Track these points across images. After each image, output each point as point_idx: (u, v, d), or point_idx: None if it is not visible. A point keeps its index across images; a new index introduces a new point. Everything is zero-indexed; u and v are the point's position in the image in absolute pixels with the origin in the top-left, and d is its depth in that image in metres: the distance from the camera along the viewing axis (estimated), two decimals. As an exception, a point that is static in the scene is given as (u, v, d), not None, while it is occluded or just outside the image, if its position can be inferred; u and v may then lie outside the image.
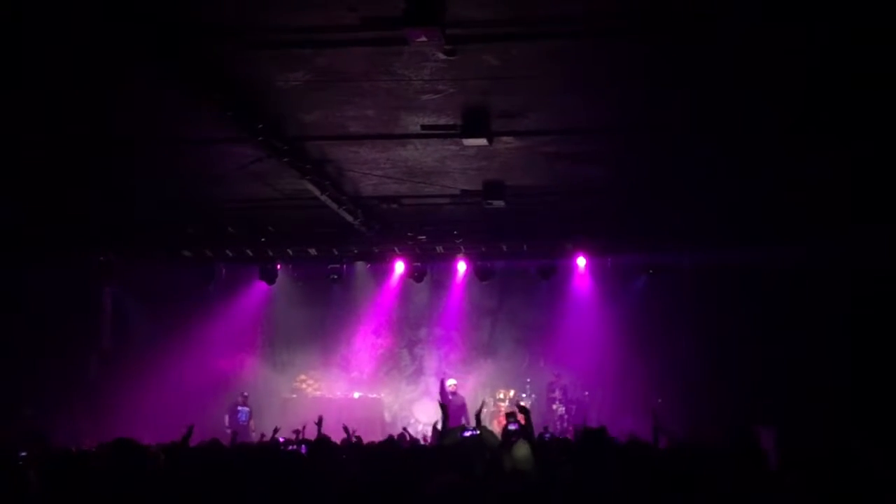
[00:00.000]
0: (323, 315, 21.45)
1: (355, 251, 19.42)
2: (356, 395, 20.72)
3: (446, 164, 13.86)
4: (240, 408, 19.69)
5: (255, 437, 16.72)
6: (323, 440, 9.46)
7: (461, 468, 5.75)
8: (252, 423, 19.36)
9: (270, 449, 9.25)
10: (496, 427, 15.76)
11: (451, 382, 18.41)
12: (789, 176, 14.10)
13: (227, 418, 19.28)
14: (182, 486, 5.66)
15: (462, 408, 17.33)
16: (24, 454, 9.31)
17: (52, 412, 17.37)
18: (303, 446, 9.42)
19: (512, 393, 20.30)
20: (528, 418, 7.88)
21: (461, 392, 18.51)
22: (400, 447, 9.87)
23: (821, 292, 17.10)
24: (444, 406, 9.46)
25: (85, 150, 12.92)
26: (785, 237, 16.91)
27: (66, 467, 6.72)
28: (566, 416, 19.28)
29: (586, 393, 19.89)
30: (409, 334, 21.81)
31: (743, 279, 18.01)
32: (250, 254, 19.22)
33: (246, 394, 20.02)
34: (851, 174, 13.89)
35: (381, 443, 10.62)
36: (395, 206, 16.25)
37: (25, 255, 17.22)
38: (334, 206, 15.06)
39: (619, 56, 9.92)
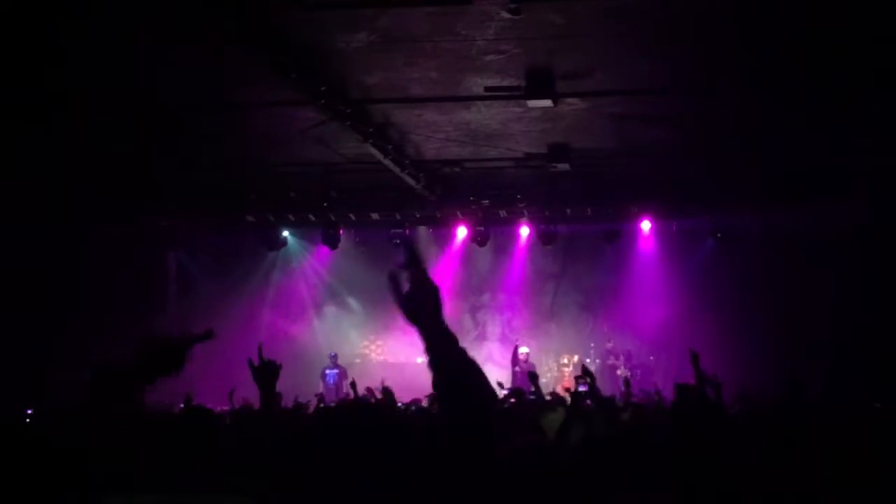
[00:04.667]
0: (385, 280, 21.38)
1: (418, 215, 19.35)
2: (420, 360, 20.65)
3: (510, 126, 13.71)
4: (327, 371, 19.74)
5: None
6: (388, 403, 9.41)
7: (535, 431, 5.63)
8: (345, 383, 19.19)
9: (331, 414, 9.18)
10: (560, 391, 15.65)
11: (523, 350, 18.40)
12: (865, 133, 13.67)
13: (320, 384, 19.35)
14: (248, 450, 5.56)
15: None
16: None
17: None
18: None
19: (576, 358, 20.17)
20: (592, 383, 7.68)
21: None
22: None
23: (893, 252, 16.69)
24: (533, 375, 9.26)
25: (150, 114, 12.97)
26: (857, 198, 16.43)
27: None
28: (631, 382, 19.06)
29: (651, 357, 19.70)
30: (471, 299, 21.73)
31: (813, 242, 17.60)
32: (313, 218, 19.25)
33: (333, 353, 20.00)
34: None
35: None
36: (457, 169, 16.15)
37: (91, 221, 17.38)
38: (397, 169, 14.99)
39: (685, 12, 9.67)
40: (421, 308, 2.78)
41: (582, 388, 7.13)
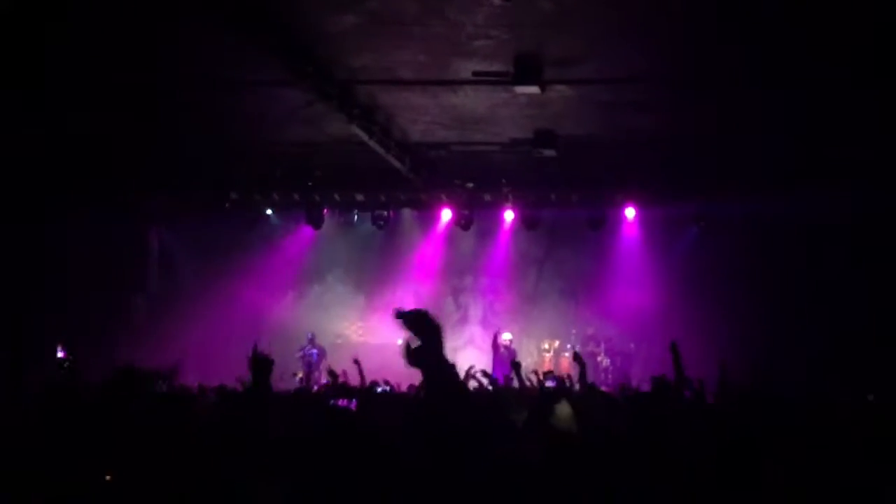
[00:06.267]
0: (368, 261, 21.39)
1: (402, 198, 19.34)
2: (399, 341, 20.58)
3: (497, 111, 13.67)
4: (305, 351, 19.66)
5: (324, 377, 16.50)
6: (370, 392, 9.28)
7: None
8: (324, 363, 18.99)
9: (314, 403, 9.09)
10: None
11: (506, 336, 18.42)
12: (849, 122, 13.70)
13: (299, 363, 19.27)
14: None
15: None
16: None
17: (95, 351, 17.44)
18: (353, 402, 9.24)
19: (557, 343, 20.17)
20: (582, 370, 7.67)
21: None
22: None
23: (875, 243, 16.80)
24: (516, 363, 9.22)
25: (135, 93, 12.87)
26: (839, 187, 16.48)
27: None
28: (611, 368, 19.15)
29: (632, 345, 19.70)
30: (454, 282, 21.70)
31: (795, 230, 17.67)
32: (297, 198, 19.20)
33: (310, 334, 19.91)
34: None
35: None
36: (443, 152, 16.11)
37: (74, 197, 17.28)
38: (382, 151, 14.94)
39: (674, 2, 9.66)
40: (426, 355, 3.12)
41: (550, 384, 7.06)
